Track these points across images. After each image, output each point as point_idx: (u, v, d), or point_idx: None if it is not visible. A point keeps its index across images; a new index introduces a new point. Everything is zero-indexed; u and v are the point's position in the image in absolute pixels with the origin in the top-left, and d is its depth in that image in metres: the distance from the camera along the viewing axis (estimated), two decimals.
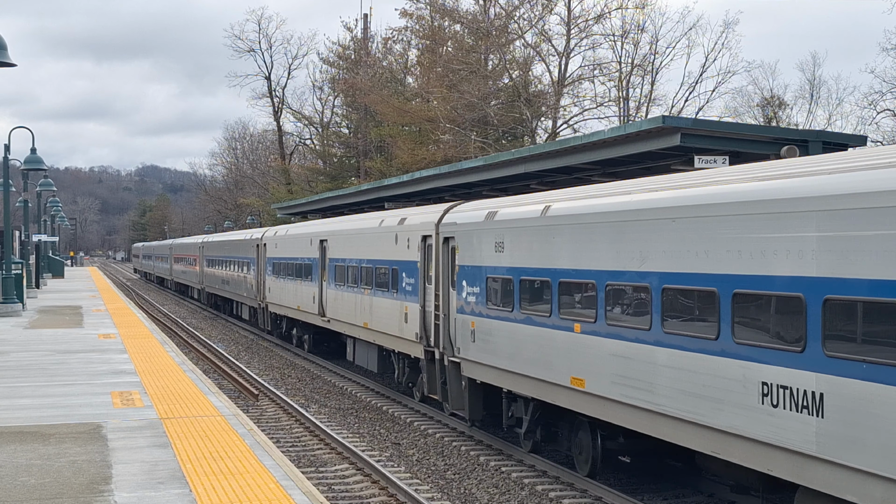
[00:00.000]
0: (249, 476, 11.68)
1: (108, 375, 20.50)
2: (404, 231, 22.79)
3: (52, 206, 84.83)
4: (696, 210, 12.20)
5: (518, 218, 17.23)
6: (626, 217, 13.73)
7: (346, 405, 24.70)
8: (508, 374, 17.37)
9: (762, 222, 11.04)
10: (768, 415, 10.85)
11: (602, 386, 14.21)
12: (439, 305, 20.47)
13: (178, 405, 16.75)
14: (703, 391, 11.97)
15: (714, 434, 11.84)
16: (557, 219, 15.71)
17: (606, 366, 14.10)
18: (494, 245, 17.85)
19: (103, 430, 14.54)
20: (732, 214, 11.52)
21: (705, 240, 11.96)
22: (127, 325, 33.16)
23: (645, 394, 13.16)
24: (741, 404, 11.28)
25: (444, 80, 52.90)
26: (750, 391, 11.13)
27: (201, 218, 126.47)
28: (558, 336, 15.46)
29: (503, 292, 17.47)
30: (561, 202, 15.95)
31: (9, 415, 15.83)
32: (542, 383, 16.10)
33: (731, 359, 11.42)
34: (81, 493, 10.93)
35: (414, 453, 18.95)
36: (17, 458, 12.60)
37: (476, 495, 15.77)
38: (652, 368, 12.98)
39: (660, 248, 12.87)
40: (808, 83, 57.99)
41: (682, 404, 12.39)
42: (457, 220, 19.83)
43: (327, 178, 73.94)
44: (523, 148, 35.86)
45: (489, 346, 18.09)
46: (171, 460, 12.48)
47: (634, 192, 13.97)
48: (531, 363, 16.40)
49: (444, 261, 20.38)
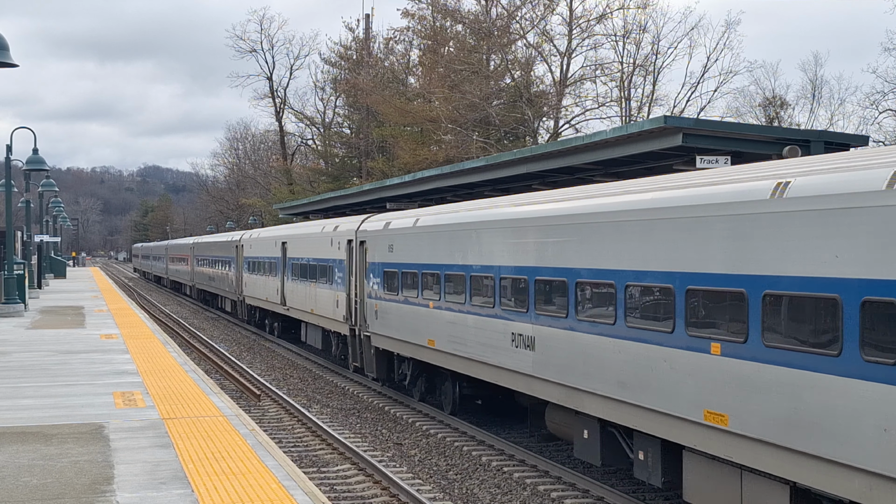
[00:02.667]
0: (251, 476, 11.68)
1: (110, 376, 20.51)
2: (336, 236, 28.73)
3: (55, 207, 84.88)
4: (510, 222, 17.49)
5: (400, 227, 23.19)
6: (454, 229, 19.96)
7: (348, 405, 24.71)
8: (397, 341, 23.26)
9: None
10: (514, 352, 17.01)
11: (443, 343, 20.27)
12: (357, 293, 26.48)
13: (180, 405, 16.75)
14: (487, 341, 18.04)
15: (494, 369, 17.90)
16: (420, 228, 21.90)
17: (444, 329, 20.19)
18: (388, 247, 23.77)
19: (105, 430, 14.54)
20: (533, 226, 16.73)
21: (495, 244, 18.04)
22: (129, 326, 33.18)
23: (462, 346, 19.27)
24: (502, 347, 17.39)
25: (446, 80, 52.92)
26: (506, 338, 17.31)
27: (203, 218, 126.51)
28: (421, 311, 21.45)
29: (392, 282, 23.37)
30: (424, 217, 22.13)
31: (11, 415, 15.84)
32: (415, 346, 22.06)
33: (500, 320, 17.56)
34: (83, 493, 10.93)
35: (416, 453, 18.96)
36: (20, 459, 12.60)
37: (478, 495, 15.77)
38: (464, 329, 19.12)
39: (473, 250, 18.80)
40: (810, 83, 58.05)
41: (478, 350, 18.52)
42: (367, 229, 25.79)
43: (329, 179, 73.99)
44: (525, 148, 35.85)
45: (385, 322, 23.99)
46: (173, 460, 12.48)
47: (473, 209, 19.80)
48: (408, 332, 22.35)
49: (359, 259, 26.31)
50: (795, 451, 10.45)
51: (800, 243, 10.45)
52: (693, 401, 12.05)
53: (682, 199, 12.47)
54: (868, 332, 9.50)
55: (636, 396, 13.24)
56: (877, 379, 9.40)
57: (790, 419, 10.50)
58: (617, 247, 13.75)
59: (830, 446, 9.97)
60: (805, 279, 10.33)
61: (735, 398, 11.32)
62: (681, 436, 12.41)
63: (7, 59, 22.75)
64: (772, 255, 10.81)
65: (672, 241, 12.50)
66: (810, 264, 10.26)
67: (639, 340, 13.15)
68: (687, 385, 12.17)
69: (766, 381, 10.84)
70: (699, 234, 12.01)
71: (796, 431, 10.41)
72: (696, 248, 12.07)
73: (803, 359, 10.32)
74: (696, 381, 12.00)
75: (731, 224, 11.45)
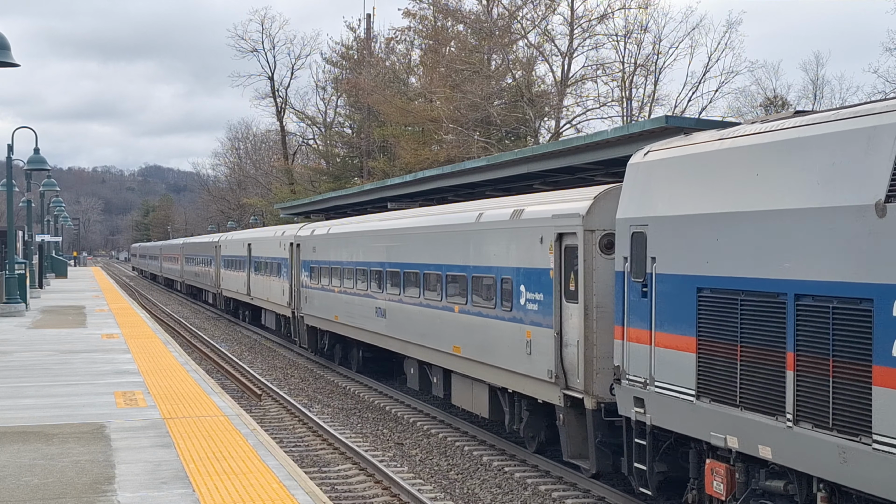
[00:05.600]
0: (252, 476, 11.68)
1: (112, 375, 20.52)
2: (283, 239, 37.22)
3: (56, 207, 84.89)
4: (374, 233, 26.09)
5: (320, 234, 31.66)
6: (346, 236, 28.45)
7: (349, 405, 24.71)
8: (318, 318, 31.54)
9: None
10: (377, 320, 24.90)
11: (343, 318, 28.34)
12: (295, 284, 34.50)
13: (181, 405, 16.76)
14: (364, 314, 26.08)
15: (369, 333, 25.88)
16: (330, 235, 30.25)
17: (343, 307, 28.24)
18: (312, 249, 32.48)
19: (106, 430, 14.55)
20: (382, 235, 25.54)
21: (362, 247, 26.76)
22: (130, 325, 33.18)
23: (352, 318, 27.29)
24: (371, 317, 25.43)
25: (447, 80, 52.88)
26: (372, 310, 25.29)
27: (204, 218, 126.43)
28: (330, 295, 29.78)
29: (314, 274, 31.91)
30: (334, 227, 30.35)
31: (12, 415, 15.85)
32: (328, 321, 30.35)
33: (369, 298, 25.61)
34: (84, 492, 10.93)
35: (417, 453, 18.95)
36: (21, 458, 12.61)
37: (479, 495, 15.77)
38: (353, 306, 27.20)
39: (356, 251, 27.21)
40: (812, 83, 58.00)
41: (360, 321, 26.50)
42: (301, 234, 34.41)
43: (330, 178, 73.92)
44: (526, 148, 35.81)
45: (311, 305, 32.33)
46: (174, 460, 12.48)
47: (356, 224, 28.36)
48: (324, 311, 30.58)
49: (296, 258, 34.66)
50: (489, 365, 18.25)
51: (487, 247, 18.43)
52: (449, 340, 20.04)
53: (444, 221, 21.06)
54: (503, 294, 17.59)
55: (430, 342, 21.24)
56: (506, 320, 17.42)
57: (488, 345, 18.24)
58: (419, 249, 22.10)
59: (495, 357, 17.89)
60: (488, 268, 18.30)
61: (463, 337, 19.38)
62: (447, 362, 20.48)
63: (8, 58, 22.74)
64: (475, 254, 18.94)
65: (441, 245, 20.75)
66: (492, 260, 18.13)
67: (428, 307, 21.31)
68: (446, 332, 20.27)
69: (471, 324, 19.03)
70: (451, 242, 20.24)
71: (488, 352, 18.19)
72: (449, 250, 20.25)
73: (486, 312, 18.32)
74: (449, 329, 20.09)
75: (462, 237, 19.63)
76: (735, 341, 10.90)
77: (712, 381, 11.28)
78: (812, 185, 9.84)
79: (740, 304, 10.82)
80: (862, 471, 9.07)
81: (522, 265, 16.81)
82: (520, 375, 16.83)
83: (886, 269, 8.78)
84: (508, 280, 17.29)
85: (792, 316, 9.99)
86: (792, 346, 10.01)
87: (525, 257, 16.72)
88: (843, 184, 9.45)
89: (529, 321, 16.45)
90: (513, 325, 17.08)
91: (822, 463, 9.61)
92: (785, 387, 10.08)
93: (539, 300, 16.13)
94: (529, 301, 16.49)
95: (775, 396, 10.26)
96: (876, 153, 9.06)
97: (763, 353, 10.47)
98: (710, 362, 11.32)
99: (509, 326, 17.23)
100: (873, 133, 9.16)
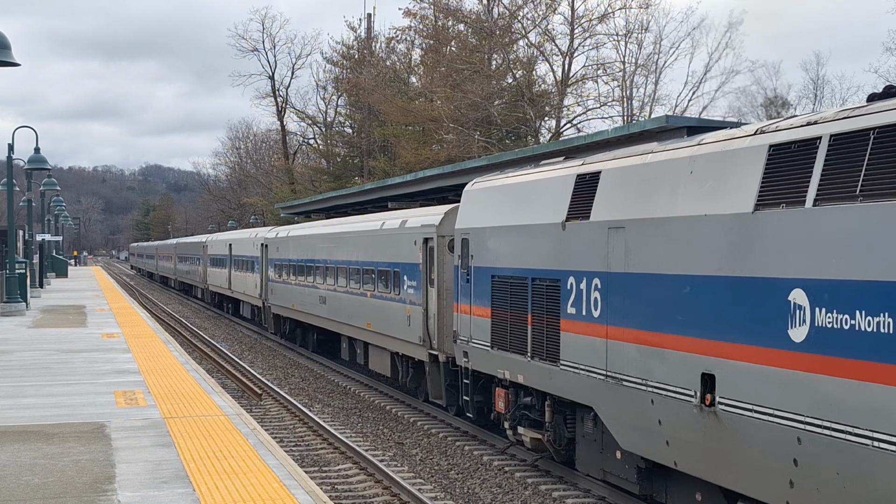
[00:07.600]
0: (253, 475, 11.68)
1: (112, 375, 20.51)
2: (255, 240, 43.07)
3: (56, 206, 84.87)
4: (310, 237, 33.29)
5: (281, 237, 37.81)
6: (299, 239, 34.96)
7: (350, 405, 24.71)
8: (280, 307, 37.57)
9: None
10: (320, 306, 30.98)
11: (299, 305, 34.31)
12: (265, 278, 40.41)
13: (181, 404, 16.75)
14: (311, 301, 32.05)
15: (315, 317, 31.93)
16: (288, 238, 36.57)
17: (298, 297, 34.37)
18: (276, 248, 38.52)
19: (107, 429, 14.54)
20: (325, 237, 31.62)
21: (307, 248, 33.80)
22: (130, 325, 33.19)
23: (304, 305, 33.30)
24: (316, 304, 31.26)
25: (448, 79, 52.89)
26: (317, 298, 31.39)
27: (205, 217, 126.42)
28: (288, 287, 35.72)
29: (278, 269, 37.90)
30: (292, 231, 36.74)
31: (12, 414, 15.84)
32: (288, 309, 36.24)
33: (314, 289, 31.58)
34: (85, 492, 10.93)
35: (417, 453, 18.96)
36: (21, 458, 12.60)
37: (479, 495, 15.76)
38: (304, 295, 33.12)
39: (305, 250, 33.49)
40: (812, 83, 57.97)
41: (309, 308, 32.49)
42: (269, 236, 40.47)
43: (331, 178, 73.93)
44: (527, 148, 35.80)
45: (276, 295, 38.19)
46: (174, 460, 12.48)
47: (307, 229, 35.05)
48: (285, 300, 36.48)
49: (265, 256, 40.72)
50: (388, 336, 23.96)
51: (386, 248, 24.42)
52: (365, 319, 26.02)
53: (361, 227, 27.54)
54: (395, 282, 23.45)
55: (354, 321, 27.07)
56: (396, 301, 23.30)
57: (387, 321, 24.03)
58: (346, 249, 28.37)
59: (391, 330, 23.69)
60: (388, 263, 24.23)
61: (373, 316, 25.25)
62: (365, 336, 26.36)
63: (9, 58, 22.74)
64: (379, 253, 25.04)
65: (360, 246, 27.00)
66: (389, 257, 24.14)
67: (352, 294, 27.49)
68: (363, 312, 26.22)
69: (377, 306, 24.98)
70: (365, 244, 26.45)
71: (387, 326, 23.97)
72: (364, 250, 26.42)
73: (385, 296, 24.30)
74: (365, 310, 26.05)
75: (372, 239, 25.82)
76: (506, 308, 16.41)
77: (497, 336, 16.84)
78: (544, 208, 15.10)
79: (510, 285, 16.27)
80: (558, 383, 14.65)
81: (405, 261, 22.91)
82: (405, 342, 22.84)
83: (566, 260, 14.26)
84: (398, 272, 23.40)
85: (530, 291, 15.50)
86: (530, 309, 15.54)
87: (407, 255, 22.81)
88: (552, 209, 14.85)
89: (409, 301, 22.50)
90: (400, 304, 23.13)
91: (543, 381, 15.22)
92: (527, 335, 15.61)
93: (414, 286, 22.21)
94: (409, 287, 22.55)
95: (523, 342, 15.78)
96: (564, 193, 14.62)
97: (518, 315, 15.99)
98: (496, 324, 16.85)
99: (398, 306, 23.29)
100: (565, 181, 14.66)
